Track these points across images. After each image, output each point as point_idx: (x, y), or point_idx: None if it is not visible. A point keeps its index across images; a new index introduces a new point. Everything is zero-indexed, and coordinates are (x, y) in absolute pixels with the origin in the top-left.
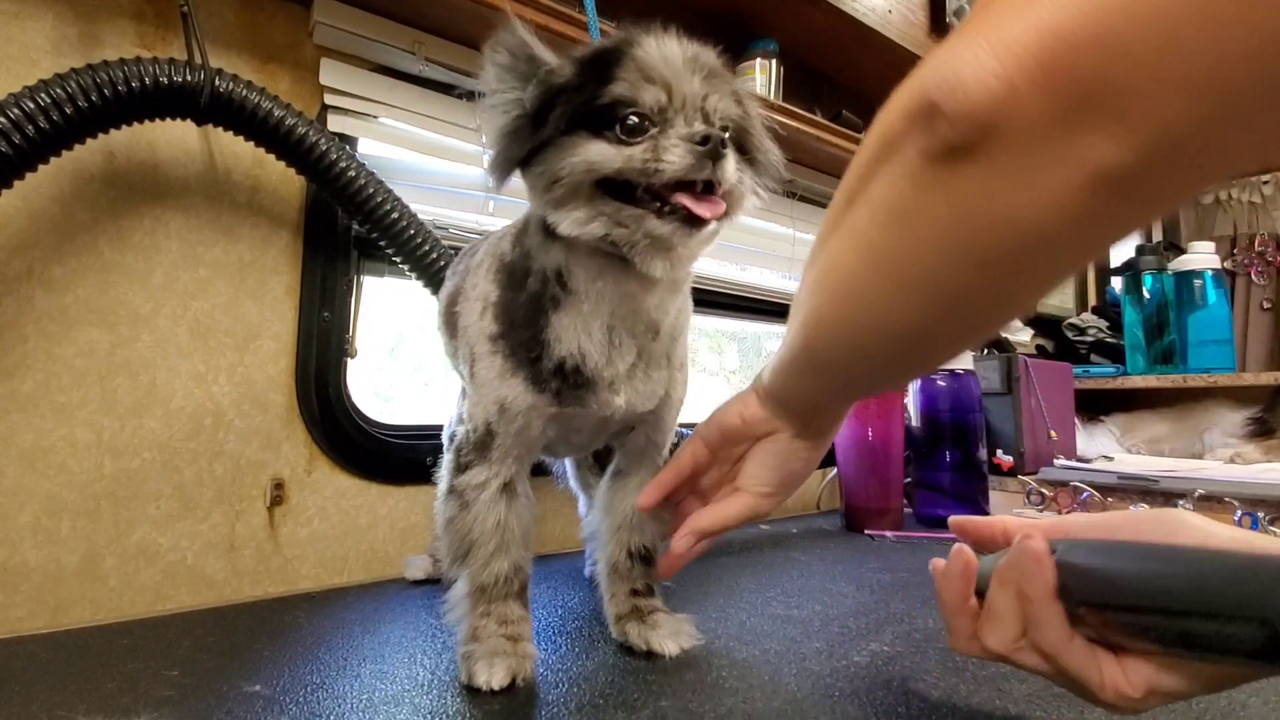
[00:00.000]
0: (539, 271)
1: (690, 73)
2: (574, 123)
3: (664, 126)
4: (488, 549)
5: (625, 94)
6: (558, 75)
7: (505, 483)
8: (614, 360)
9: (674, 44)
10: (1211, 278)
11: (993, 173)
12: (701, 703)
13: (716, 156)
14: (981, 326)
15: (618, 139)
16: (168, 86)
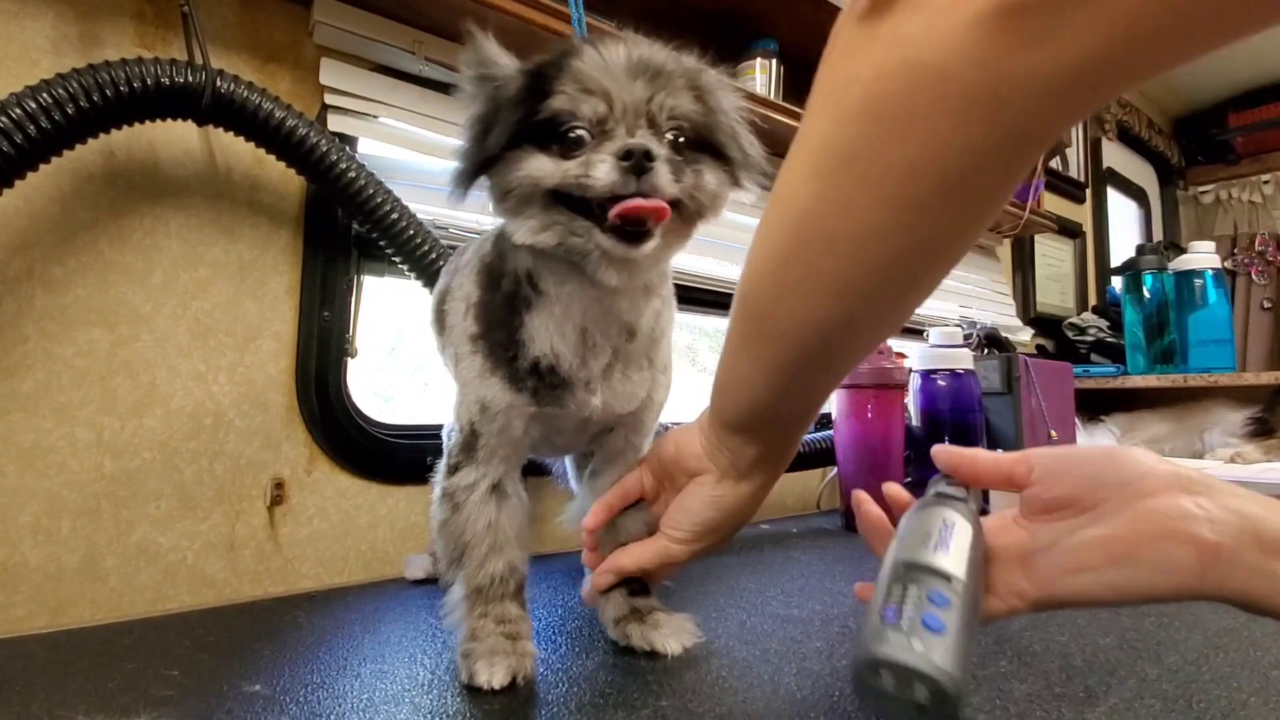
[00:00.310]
0: (512, 272)
1: (632, 79)
2: (521, 136)
3: (602, 139)
4: (481, 550)
5: (564, 107)
6: (504, 89)
7: (494, 483)
8: (588, 361)
9: (617, 50)
10: (1212, 277)
11: (906, 19)
12: (701, 703)
13: (641, 171)
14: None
15: (559, 153)
16: (169, 87)
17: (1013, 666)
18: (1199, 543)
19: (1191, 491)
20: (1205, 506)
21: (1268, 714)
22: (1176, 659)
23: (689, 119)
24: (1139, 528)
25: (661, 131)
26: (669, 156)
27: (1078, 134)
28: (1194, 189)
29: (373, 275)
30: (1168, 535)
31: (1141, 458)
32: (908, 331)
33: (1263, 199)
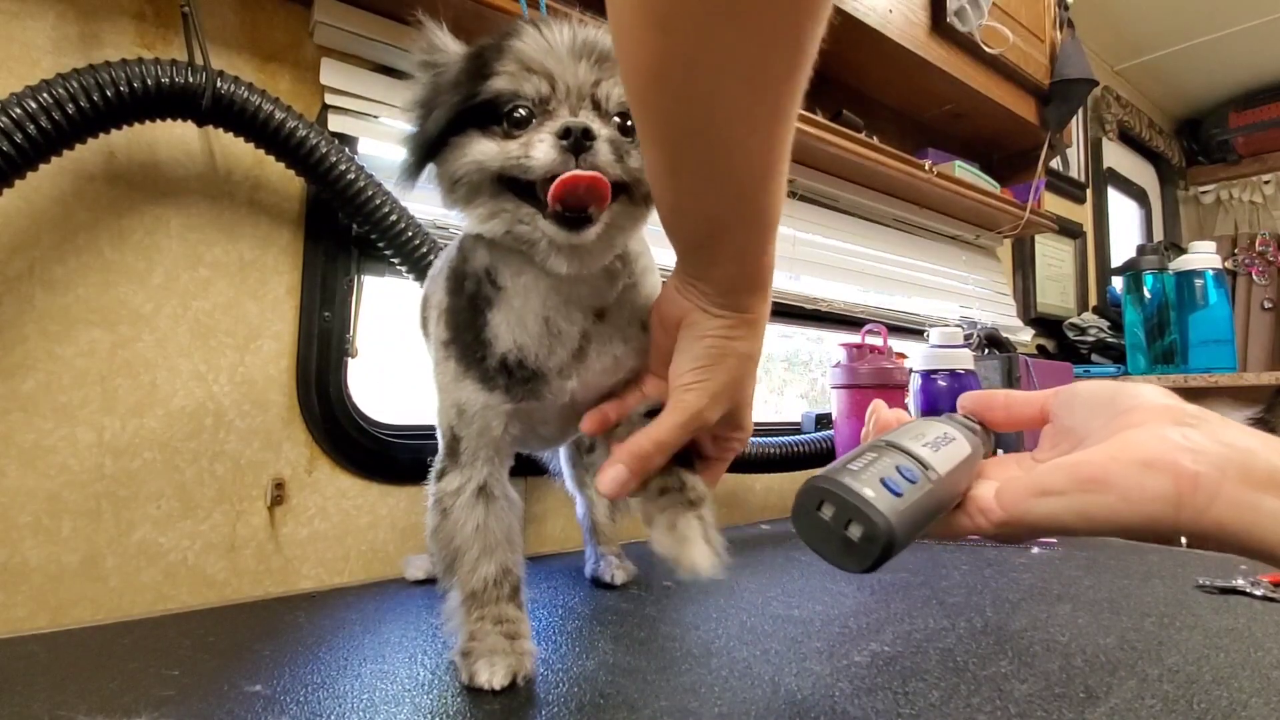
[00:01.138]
0: (473, 273)
1: (577, 59)
2: (464, 120)
3: (544, 119)
4: (472, 554)
5: (505, 87)
6: (445, 73)
7: (480, 486)
8: (555, 349)
9: (559, 31)
10: (1212, 277)
11: None
12: (701, 703)
13: (579, 149)
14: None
15: (503, 133)
16: (170, 88)
17: (1013, 666)
18: (1177, 471)
19: (1181, 422)
20: (1191, 437)
21: (1268, 714)
22: (1177, 659)
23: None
24: (1115, 453)
25: (608, 115)
26: (612, 136)
27: (1078, 134)
28: (1195, 189)
29: (373, 275)
30: (1144, 462)
31: (1142, 391)
32: (908, 332)
33: (1263, 199)
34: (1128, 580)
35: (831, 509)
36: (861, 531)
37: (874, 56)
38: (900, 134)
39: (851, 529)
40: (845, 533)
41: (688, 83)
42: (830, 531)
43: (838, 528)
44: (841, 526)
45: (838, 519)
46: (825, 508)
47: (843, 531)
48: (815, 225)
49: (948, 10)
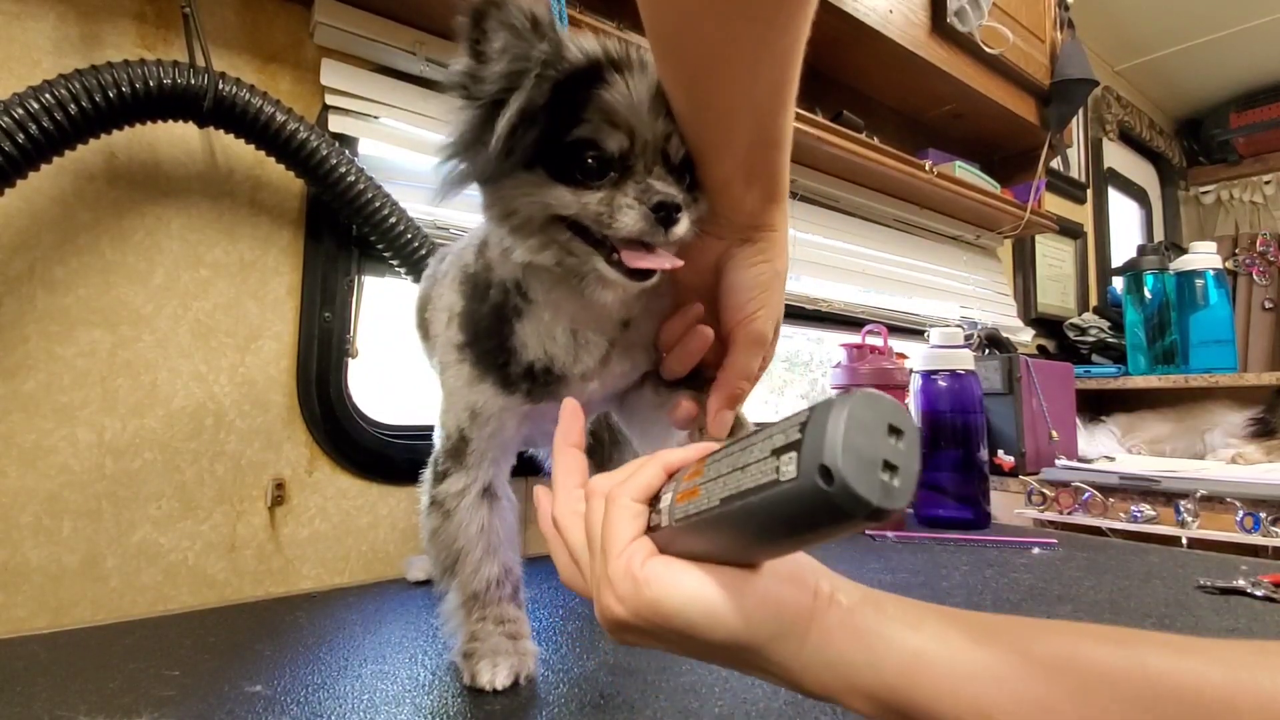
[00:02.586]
0: (500, 283)
1: (655, 115)
2: (534, 156)
3: (623, 175)
4: (475, 555)
5: (588, 136)
6: (537, 93)
7: (485, 487)
8: (581, 358)
9: (642, 82)
10: (1213, 278)
11: None
12: (702, 703)
13: (669, 224)
14: None
15: (576, 181)
16: (171, 89)
17: None
18: (817, 591)
19: (828, 577)
20: (835, 582)
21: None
22: None
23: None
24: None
25: (675, 166)
26: (687, 198)
27: (1079, 134)
28: (1195, 189)
29: (373, 275)
30: (790, 579)
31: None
32: (908, 332)
33: (1264, 199)
34: (1128, 581)
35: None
36: (907, 441)
37: (874, 57)
38: (900, 134)
39: (901, 441)
40: (897, 445)
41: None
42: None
43: (896, 445)
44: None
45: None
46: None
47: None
48: (815, 225)
49: (948, 10)
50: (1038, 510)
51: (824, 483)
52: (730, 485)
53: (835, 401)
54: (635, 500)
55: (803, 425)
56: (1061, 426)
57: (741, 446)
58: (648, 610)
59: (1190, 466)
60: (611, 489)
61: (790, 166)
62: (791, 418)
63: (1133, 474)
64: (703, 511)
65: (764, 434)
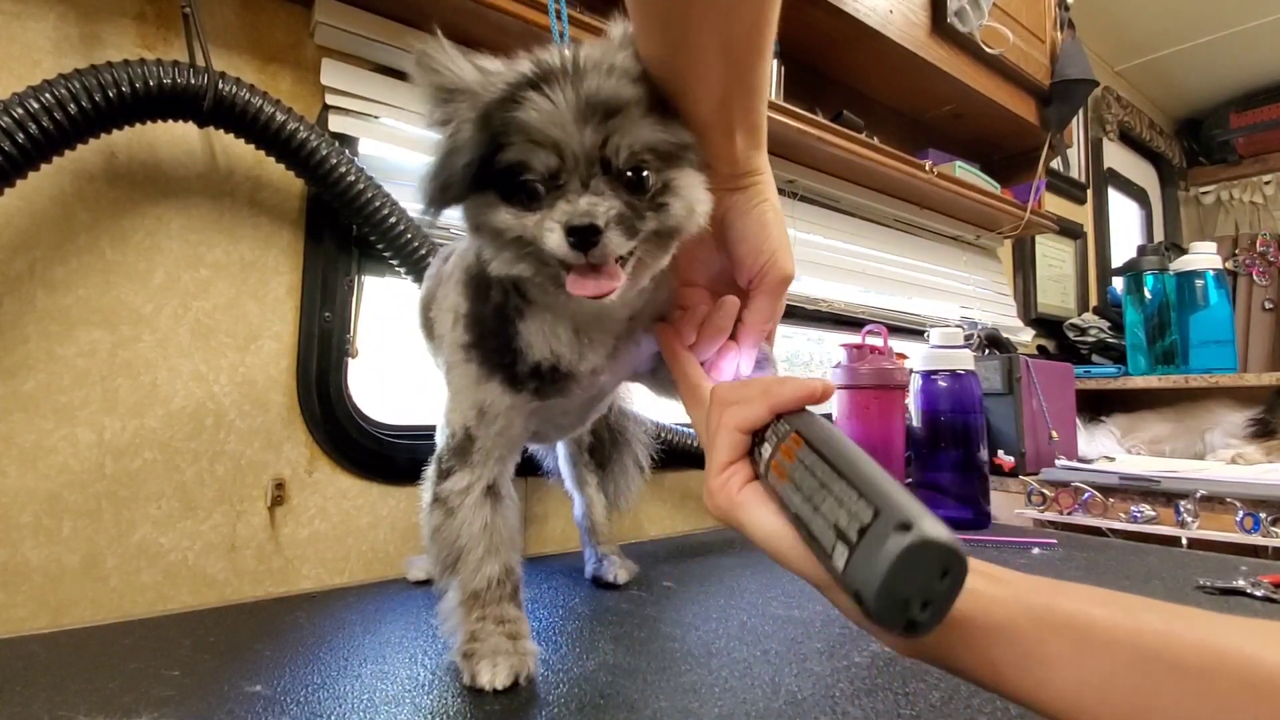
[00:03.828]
0: (499, 283)
1: (583, 124)
2: (485, 181)
3: (554, 194)
4: (477, 554)
5: (516, 159)
6: (459, 135)
7: (489, 485)
8: (587, 355)
9: (563, 94)
10: (1213, 278)
11: None
12: (702, 703)
13: (587, 247)
14: None
15: (519, 203)
16: (171, 89)
17: None
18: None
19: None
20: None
21: None
22: None
23: (653, 145)
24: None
25: (619, 173)
26: (620, 214)
27: (1079, 134)
28: (1195, 190)
29: (374, 275)
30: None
31: None
32: (908, 332)
33: (1264, 199)
34: (1128, 581)
35: (949, 573)
36: (953, 580)
37: (874, 57)
38: (900, 134)
39: (946, 580)
40: (939, 586)
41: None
42: (928, 590)
43: (938, 585)
44: (940, 581)
45: (943, 576)
46: (950, 575)
47: (937, 586)
48: (815, 225)
49: (948, 11)
50: (1038, 510)
51: (855, 601)
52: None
53: (894, 531)
54: (740, 431)
55: (862, 529)
56: (1061, 427)
57: (820, 482)
58: (735, 524)
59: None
60: (725, 413)
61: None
62: (863, 497)
63: (1133, 474)
64: (782, 503)
65: (838, 490)
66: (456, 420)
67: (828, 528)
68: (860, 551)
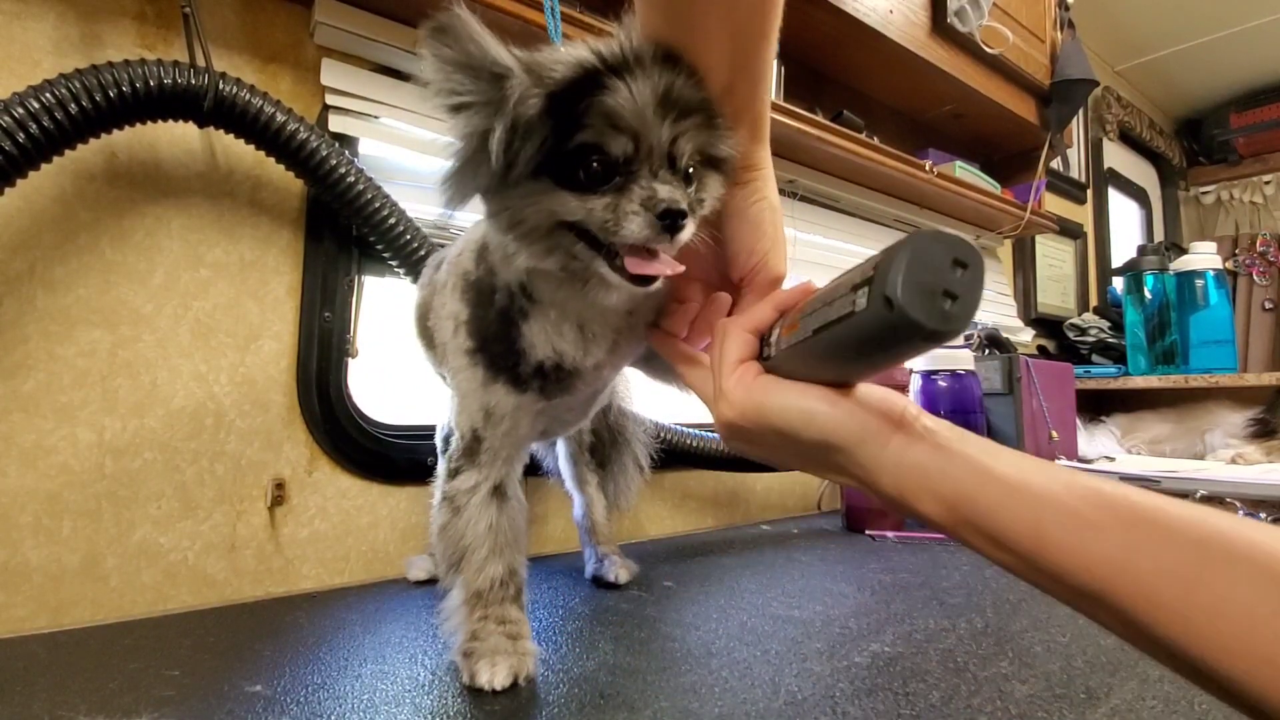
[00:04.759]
0: (504, 287)
1: (660, 118)
2: (541, 165)
3: (628, 180)
4: (481, 553)
5: (591, 140)
6: (524, 110)
7: (495, 486)
8: (591, 351)
9: (646, 85)
10: (1213, 278)
11: None
12: (702, 703)
13: (675, 230)
14: None
15: (581, 186)
16: (171, 89)
17: (1014, 667)
18: (905, 412)
19: (917, 407)
20: (923, 413)
21: None
22: None
23: (706, 150)
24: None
25: (681, 171)
26: (691, 204)
27: (1079, 134)
28: (1195, 189)
29: (374, 275)
30: (880, 399)
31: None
32: None
33: (1264, 199)
34: None
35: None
36: (972, 273)
37: (874, 57)
38: (900, 134)
39: (965, 274)
40: (960, 278)
41: None
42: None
43: (958, 277)
44: (958, 273)
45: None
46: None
47: (958, 278)
48: (815, 225)
49: (948, 10)
50: None
51: (886, 310)
52: (820, 318)
53: (906, 239)
54: (746, 331)
55: (879, 264)
56: (1061, 426)
57: (831, 285)
58: (754, 412)
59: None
60: (731, 323)
61: (790, 166)
62: (873, 258)
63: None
64: (799, 341)
65: (850, 273)
66: (464, 423)
67: (847, 298)
68: (879, 274)
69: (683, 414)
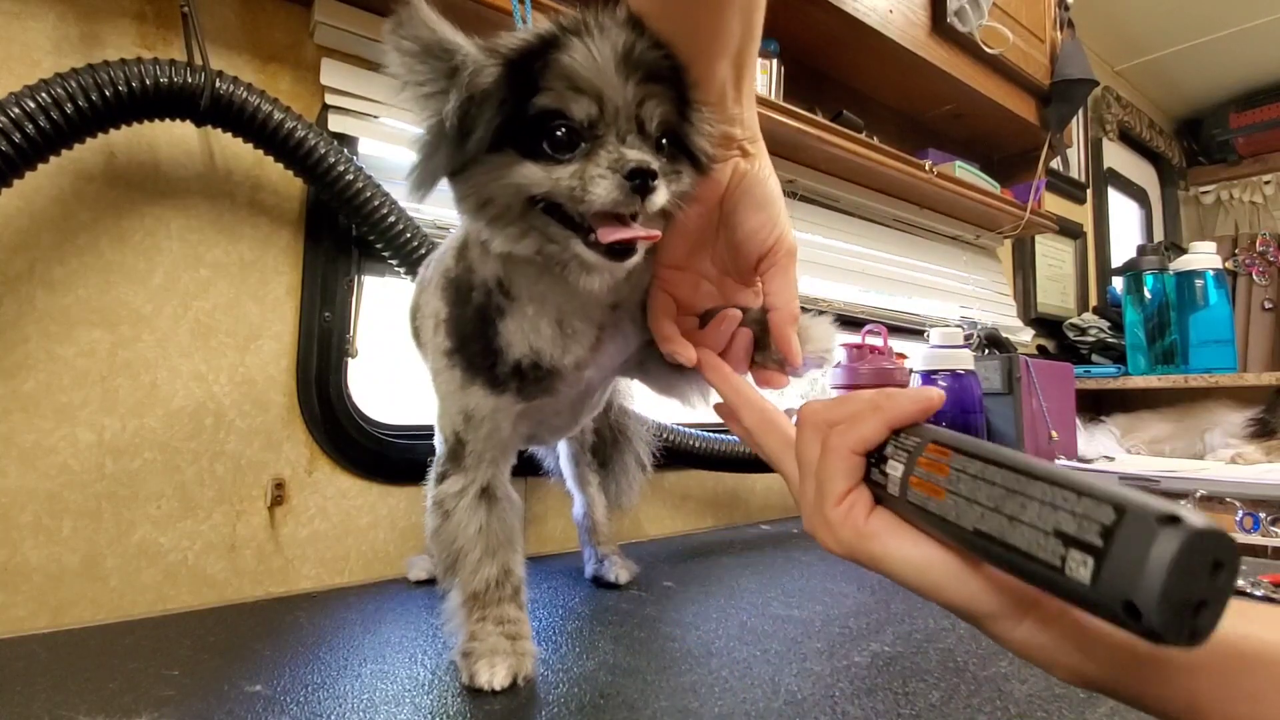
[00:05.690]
0: (481, 284)
1: (624, 78)
2: (501, 137)
3: (594, 145)
4: (474, 556)
5: (552, 105)
6: (480, 79)
7: (483, 488)
8: (571, 348)
9: (606, 44)
10: (1213, 278)
11: None
12: (702, 703)
13: (645, 192)
14: None
15: (547, 156)
16: (168, 88)
17: (1013, 667)
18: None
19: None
20: None
21: None
22: None
23: (672, 124)
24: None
25: (651, 137)
26: (663, 166)
27: (1079, 134)
28: (1195, 189)
29: (373, 275)
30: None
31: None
32: (908, 332)
33: (1264, 199)
34: None
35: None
36: (1227, 574)
37: (874, 57)
38: (900, 134)
39: (1221, 576)
40: (1216, 583)
41: None
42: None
43: (1215, 582)
44: (1215, 577)
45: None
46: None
47: (1214, 583)
48: (815, 225)
49: (948, 10)
50: None
51: (1126, 616)
52: (990, 524)
53: (1160, 526)
54: (853, 452)
55: (1106, 531)
56: (1061, 426)
57: (1006, 488)
58: (867, 559)
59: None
60: (831, 436)
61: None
62: (1086, 495)
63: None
64: (947, 521)
65: (1041, 493)
66: (446, 426)
67: (1043, 536)
68: (1115, 557)
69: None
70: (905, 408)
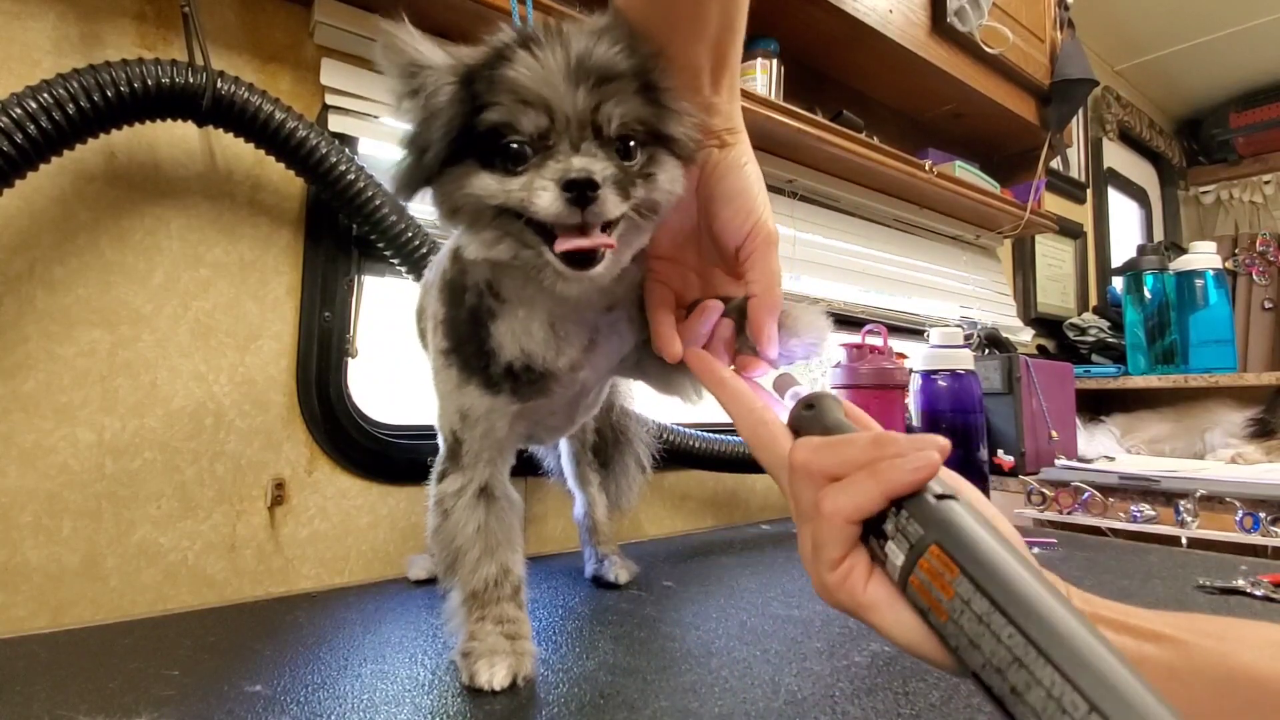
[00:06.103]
0: (474, 286)
1: (574, 86)
2: (463, 149)
3: (544, 155)
4: (473, 555)
5: (501, 119)
6: (435, 99)
7: (481, 487)
8: (564, 351)
9: (554, 52)
10: (1213, 278)
11: None
12: (702, 703)
13: (585, 203)
14: None
15: (503, 168)
16: (169, 88)
17: None
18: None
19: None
20: None
21: None
22: None
23: (640, 121)
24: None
25: (610, 141)
26: (615, 176)
27: (1079, 134)
28: (1195, 189)
29: (373, 275)
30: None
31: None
32: (908, 332)
33: (1264, 199)
34: (1128, 580)
35: None
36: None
37: (874, 56)
38: (900, 134)
39: None
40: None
41: None
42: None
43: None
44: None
45: None
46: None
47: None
48: (815, 225)
49: (948, 10)
50: (1037, 510)
51: None
52: (992, 681)
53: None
54: (848, 522)
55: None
56: (1061, 426)
57: (1013, 654)
58: (866, 623)
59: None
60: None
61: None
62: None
63: (1132, 474)
64: (948, 640)
65: (1049, 681)
66: (445, 425)
67: (1051, 704)
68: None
69: (683, 413)
70: (903, 478)
